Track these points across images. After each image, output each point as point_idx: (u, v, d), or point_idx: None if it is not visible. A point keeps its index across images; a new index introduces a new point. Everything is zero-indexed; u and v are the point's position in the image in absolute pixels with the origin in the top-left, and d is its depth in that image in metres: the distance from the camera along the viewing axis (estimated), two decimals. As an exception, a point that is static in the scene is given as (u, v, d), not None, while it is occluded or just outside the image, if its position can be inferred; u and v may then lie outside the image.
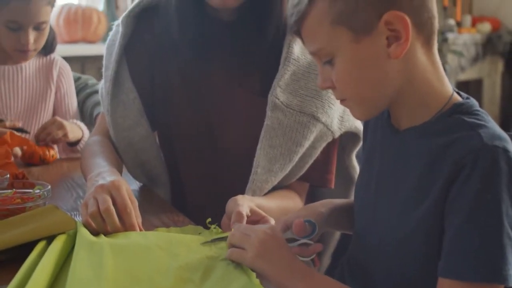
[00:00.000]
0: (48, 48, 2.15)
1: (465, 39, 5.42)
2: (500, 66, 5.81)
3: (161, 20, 1.66)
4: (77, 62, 3.57)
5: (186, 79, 1.67)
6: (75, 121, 2.18)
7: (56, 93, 2.21)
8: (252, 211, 1.42)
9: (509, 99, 5.91)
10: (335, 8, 1.18)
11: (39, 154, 2.00)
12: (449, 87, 1.23)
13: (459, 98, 1.24)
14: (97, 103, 2.27)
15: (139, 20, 1.68)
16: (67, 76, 2.25)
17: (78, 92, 2.31)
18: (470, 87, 5.71)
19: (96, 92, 2.33)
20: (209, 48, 1.64)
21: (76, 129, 2.14)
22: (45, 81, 2.19)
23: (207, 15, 1.63)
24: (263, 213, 1.43)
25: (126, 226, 1.32)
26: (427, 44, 1.22)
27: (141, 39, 1.68)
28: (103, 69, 1.72)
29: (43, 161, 2.02)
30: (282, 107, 1.59)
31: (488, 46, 5.67)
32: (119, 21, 1.71)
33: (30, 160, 2.01)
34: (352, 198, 1.80)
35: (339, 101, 1.28)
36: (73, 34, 3.65)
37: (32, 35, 2.05)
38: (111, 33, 1.74)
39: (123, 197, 1.34)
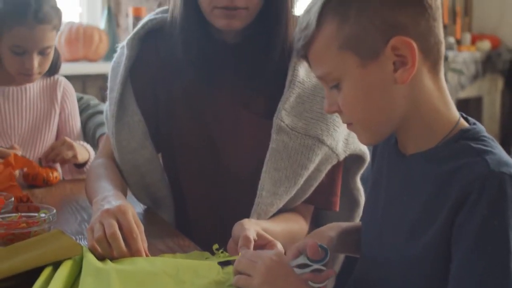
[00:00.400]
0: (52, 69, 2.15)
1: (465, 57, 5.43)
2: (499, 83, 5.82)
3: (165, 42, 1.66)
4: (78, 81, 3.58)
5: (189, 100, 1.68)
6: (81, 142, 2.18)
7: (60, 114, 2.21)
8: (258, 235, 1.42)
9: (509, 116, 5.91)
10: (343, 33, 1.19)
11: (43, 175, 2.00)
12: (455, 112, 1.24)
13: (465, 124, 1.24)
14: (100, 124, 2.27)
15: (144, 43, 1.69)
16: (71, 97, 2.25)
17: (80, 112, 2.30)
18: (470, 105, 5.72)
19: (99, 112, 2.33)
20: (213, 70, 1.65)
21: (83, 151, 2.14)
22: (49, 102, 2.19)
23: (211, 37, 1.64)
24: (270, 237, 1.43)
25: (132, 251, 1.32)
26: (434, 69, 1.22)
27: (145, 61, 1.69)
28: (108, 91, 1.72)
29: (46, 183, 2.01)
30: (287, 130, 1.59)
31: (488, 64, 5.68)
32: (123, 43, 1.71)
33: (33, 182, 2.00)
34: (356, 220, 1.81)
35: (345, 124, 1.28)
36: (74, 53, 3.65)
37: (36, 60, 2.05)
38: (115, 55, 1.74)
39: (129, 222, 1.34)
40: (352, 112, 1.23)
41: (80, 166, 2.15)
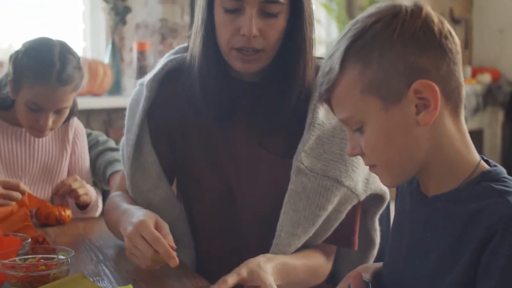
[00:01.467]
0: (67, 118, 2.13)
1: (466, 90, 5.38)
2: (500, 116, 5.83)
3: (184, 81, 1.67)
4: (82, 115, 3.57)
5: (205, 138, 1.68)
6: (87, 185, 2.16)
7: (71, 155, 2.19)
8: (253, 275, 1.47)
9: (509, 149, 5.92)
10: (365, 77, 1.20)
11: (55, 214, 1.99)
12: (476, 154, 1.25)
13: (486, 166, 1.25)
14: (110, 162, 2.25)
15: (162, 83, 1.69)
16: (82, 138, 2.23)
17: (89, 149, 2.29)
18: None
19: (108, 149, 2.31)
20: (231, 108, 1.66)
21: (91, 190, 2.13)
22: (61, 144, 2.17)
23: (229, 76, 1.65)
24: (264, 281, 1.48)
25: (162, 255, 1.42)
26: (455, 112, 1.24)
27: (163, 102, 1.69)
28: (125, 129, 1.73)
29: (59, 222, 1.99)
30: (306, 171, 1.60)
31: (489, 96, 5.69)
32: (143, 81, 1.73)
33: (46, 221, 1.98)
34: (370, 261, 1.81)
35: (367, 166, 1.30)
36: (79, 87, 3.65)
37: (51, 118, 2.03)
38: (134, 92, 1.75)
39: (151, 233, 1.43)
40: (375, 154, 1.25)
41: (83, 207, 2.13)
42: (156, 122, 1.69)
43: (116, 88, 3.85)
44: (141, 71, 3.87)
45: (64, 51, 2.03)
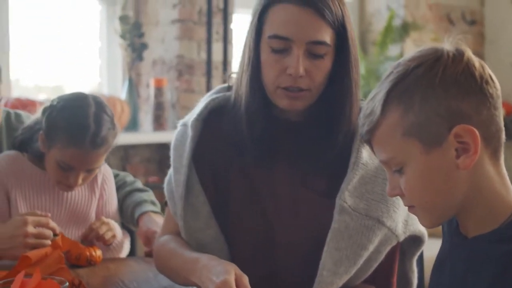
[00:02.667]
0: None
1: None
2: (513, 150, 5.84)
3: (227, 120, 1.68)
4: (100, 151, 3.58)
5: (249, 178, 1.68)
6: (113, 224, 2.15)
7: (99, 199, 2.18)
8: None
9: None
10: (407, 120, 1.23)
11: (86, 255, 1.97)
12: None
13: None
14: (138, 203, 2.24)
15: (206, 123, 1.71)
16: (110, 182, 2.22)
17: (116, 190, 2.27)
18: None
19: (136, 190, 2.30)
20: (274, 147, 1.66)
21: (118, 229, 2.12)
22: (89, 189, 2.15)
23: (274, 115, 1.66)
24: None
25: None
26: (494, 156, 1.26)
27: (207, 141, 1.70)
28: (172, 171, 1.73)
29: (89, 263, 1.98)
30: (349, 211, 1.60)
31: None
32: (185, 122, 1.74)
33: (77, 262, 1.97)
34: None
35: (406, 206, 1.31)
36: (97, 123, 3.65)
37: (81, 176, 2.02)
38: (176, 133, 1.76)
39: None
40: (415, 195, 1.27)
41: (109, 244, 2.12)
42: (202, 162, 1.70)
43: (133, 124, 3.86)
44: (158, 107, 3.89)
45: (99, 111, 2.01)
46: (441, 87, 1.21)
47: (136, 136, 3.76)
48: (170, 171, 1.75)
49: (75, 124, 1.97)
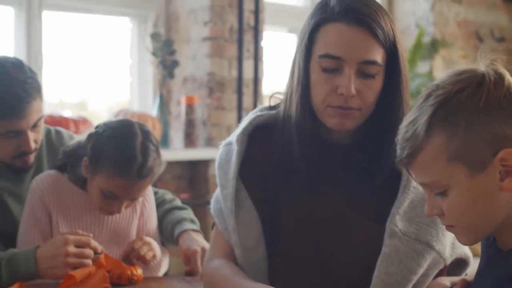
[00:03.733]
0: None
1: None
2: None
3: (274, 138, 1.67)
4: (132, 168, 3.58)
5: (298, 199, 1.67)
6: (153, 243, 2.13)
7: (139, 217, 2.16)
8: None
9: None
10: (452, 145, 1.25)
11: (127, 274, 1.96)
12: None
13: None
14: (178, 221, 2.22)
15: (251, 138, 1.70)
16: (151, 199, 2.20)
17: (156, 207, 2.27)
18: None
19: (175, 208, 2.29)
20: (323, 170, 1.65)
21: (158, 250, 2.11)
22: (131, 208, 2.12)
23: (321, 137, 1.65)
24: None
25: None
26: None
27: (254, 157, 1.69)
28: (219, 188, 1.72)
29: (131, 281, 1.97)
30: (399, 235, 1.60)
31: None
32: (229, 141, 1.73)
33: (118, 281, 1.95)
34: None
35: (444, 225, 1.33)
36: (130, 141, 3.66)
37: (125, 204, 2.03)
38: (220, 153, 1.75)
39: None
40: (457, 217, 1.29)
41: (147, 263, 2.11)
42: (249, 177, 1.69)
43: (164, 141, 3.86)
44: (190, 124, 3.90)
45: (145, 140, 2.00)
46: (485, 112, 1.23)
47: (167, 153, 3.73)
48: (217, 190, 1.74)
49: (121, 154, 1.96)
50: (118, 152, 1.96)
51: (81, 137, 2.13)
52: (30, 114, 2.02)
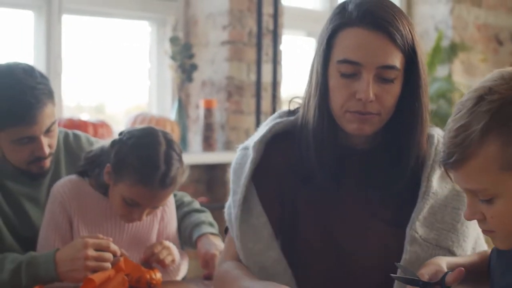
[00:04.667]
0: None
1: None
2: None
3: (293, 145, 1.67)
4: (150, 172, 3.58)
5: (317, 204, 1.66)
6: (172, 247, 2.13)
7: (159, 221, 2.17)
8: None
9: None
10: (506, 154, 1.22)
11: (146, 278, 1.96)
12: None
13: None
14: (196, 224, 2.22)
15: (268, 146, 1.69)
16: (170, 204, 2.20)
17: (175, 210, 2.27)
18: None
19: (194, 211, 2.29)
20: (342, 175, 1.65)
21: (177, 254, 2.11)
22: (151, 214, 2.13)
23: (340, 142, 1.64)
24: None
25: None
26: None
27: (271, 164, 1.69)
28: (231, 194, 1.72)
29: (149, 285, 1.97)
30: (420, 241, 1.59)
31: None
32: (246, 145, 1.73)
33: (137, 285, 1.96)
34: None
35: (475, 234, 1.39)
36: (148, 144, 3.66)
37: (146, 212, 2.03)
38: (236, 157, 1.75)
39: None
40: (503, 225, 1.28)
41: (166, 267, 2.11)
42: (264, 184, 1.68)
43: (182, 145, 3.86)
44: (208, 128, 3.90)
45: (169, 149, 2.01)
46: None
47: (185, 157, 3.70)
48: (231, 195, 1.74)
49: (145, 163, 1.96)
50: (142, 160, 1.96)
51: (104, 142, 2.14)
52: (42, 120, 2.02)
